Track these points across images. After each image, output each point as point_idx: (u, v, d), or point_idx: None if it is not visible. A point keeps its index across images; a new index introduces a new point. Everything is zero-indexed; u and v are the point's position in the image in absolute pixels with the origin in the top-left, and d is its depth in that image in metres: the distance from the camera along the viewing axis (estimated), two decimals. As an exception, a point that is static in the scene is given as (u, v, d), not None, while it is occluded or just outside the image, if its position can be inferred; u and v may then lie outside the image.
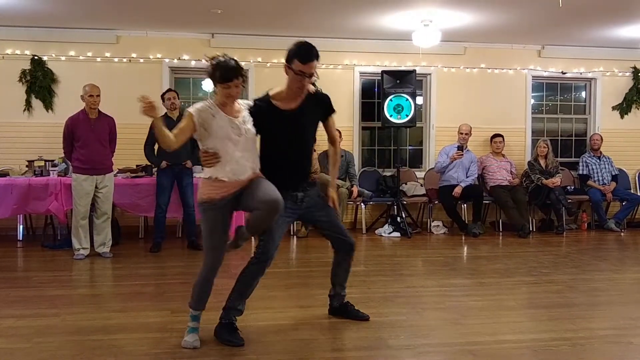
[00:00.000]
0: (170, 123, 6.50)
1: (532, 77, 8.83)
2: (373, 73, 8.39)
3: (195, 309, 3.41)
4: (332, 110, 3.64)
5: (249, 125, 3.33)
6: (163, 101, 6.56)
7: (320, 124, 3.66)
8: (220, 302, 3.52)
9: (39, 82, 7.52)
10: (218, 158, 3.21)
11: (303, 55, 3.30)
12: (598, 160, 8.53)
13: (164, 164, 6.40)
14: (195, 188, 6.64)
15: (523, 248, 6.86)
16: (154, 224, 6.55)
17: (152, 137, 6.51)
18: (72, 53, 7.67)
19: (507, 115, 8.69)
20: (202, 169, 3.34)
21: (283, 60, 3.42)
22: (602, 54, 8.79)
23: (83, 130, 5.93)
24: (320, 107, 3.58)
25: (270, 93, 3.50)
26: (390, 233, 7.62)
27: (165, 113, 6.57)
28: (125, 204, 6.68)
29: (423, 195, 8.09)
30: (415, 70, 7.98)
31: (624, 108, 9.00)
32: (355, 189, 7.67)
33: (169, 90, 6.78)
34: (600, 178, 8.44)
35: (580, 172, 8.58)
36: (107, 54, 7.75)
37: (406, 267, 5.88)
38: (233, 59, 3.21)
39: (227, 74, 3.15)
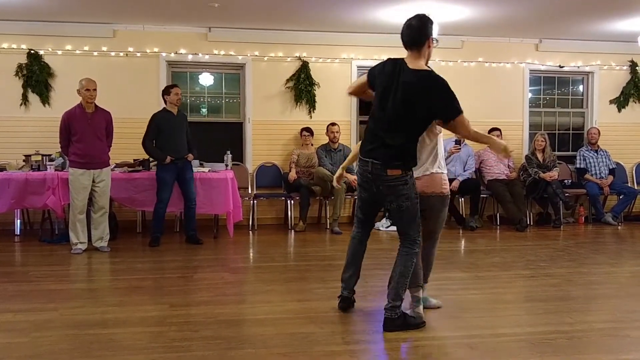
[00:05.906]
0: (170, 117, 6.51)
1: (530, 70, 8.82)
2: (370, 67, 8.33)
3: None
4: None
5: None
6: (169, 95, 6.46)
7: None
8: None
9: (36, 77, 7.47)
10: None
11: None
12: (595, 154, 8.54)
13: (168, 159, 6.38)
14: (197, 182, 6.62)
15: (520, 242, 6.88)
16: (154, 218, 6.52)
17: (151, 132, 6.46)
18: (68, 47, 7.64)
19: (504, 109, 8.68)
20: None
21: (280, 54, 3.40)
22: (599, 48, 8.78)
23: (80, 124, 5.92)
24: None
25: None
26: (387, 227, 7.59)
27: (164, 107, 6.55)
28: (122, 198, 6.66)
29: (421, 189, 8.07)
30: (412, 64, 7.93)
31: (621, 102, 9.00)
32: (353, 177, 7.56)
33: (176, 85, 6.67)
34: (598, 172, 8.45)
35: (578, 165, 8.58)
36: (104, 48, 7.71)
37: (404, 260, 5.86)
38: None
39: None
